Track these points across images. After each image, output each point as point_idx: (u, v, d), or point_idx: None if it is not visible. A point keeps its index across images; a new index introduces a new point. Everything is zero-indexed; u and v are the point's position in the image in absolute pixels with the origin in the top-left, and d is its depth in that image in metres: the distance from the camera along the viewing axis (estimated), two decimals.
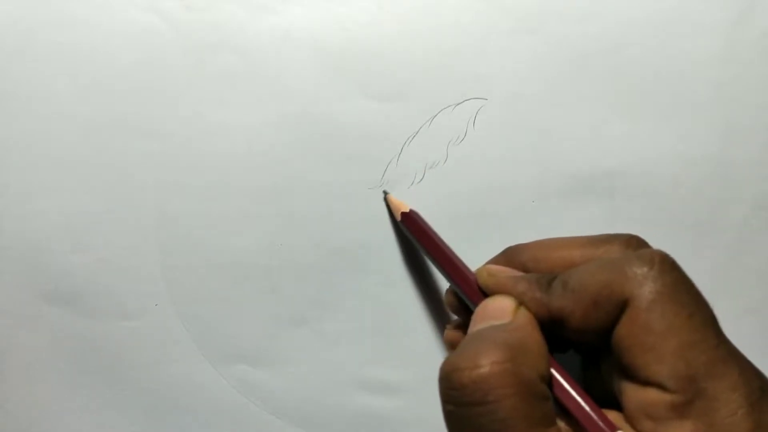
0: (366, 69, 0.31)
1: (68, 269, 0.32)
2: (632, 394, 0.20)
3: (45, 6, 0.31)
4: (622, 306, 0.20)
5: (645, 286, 0.20)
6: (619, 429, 0.20)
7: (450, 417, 0.20)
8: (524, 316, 0.22)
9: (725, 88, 0.30)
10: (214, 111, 0.31)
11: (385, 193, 0.31)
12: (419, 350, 0.32)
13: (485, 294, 0.24)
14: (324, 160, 0.31)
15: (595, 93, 0.31)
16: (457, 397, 0.19)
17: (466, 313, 0.26)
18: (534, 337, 0.21)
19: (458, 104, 0.31)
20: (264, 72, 0.31)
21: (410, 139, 0.31)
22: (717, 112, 0.30)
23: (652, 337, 0.20)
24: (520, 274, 0.24)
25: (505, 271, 0.24)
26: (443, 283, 0.31)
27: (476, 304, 0.24)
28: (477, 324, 0.23)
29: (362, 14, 0.31)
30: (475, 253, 0.31)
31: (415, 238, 0.29)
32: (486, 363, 0.19)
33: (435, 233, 0.28)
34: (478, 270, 0.25)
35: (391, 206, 0.31)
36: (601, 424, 0.20)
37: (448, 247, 0.28)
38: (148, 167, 0.32)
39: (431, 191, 0.31)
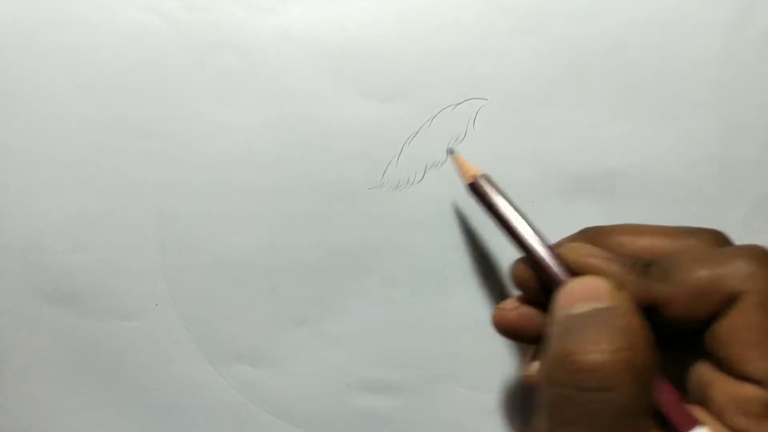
0: (366, 69, 0.31)
1: (68, 269, 0.32)
2: (725, 387, 0.20)
3: (45, 6, 0.31)
4: (728, 300, 0.20)
5: (756, 283, 0.20)
6: (703, 424, 0.20)
7: (560, 401, 0.20)
8: (627, 300, 0.21)
9: (725, 88, 0.30)
10: (214, 111, 0.31)
11: (451, 152, 0.29)
12: (419, 350, 0.32)
13: (571, 272, 0.23)
14: (324, 160, 0.31)
15: (595, 93, 0.31)
16: (572, 382, 0.19)
17: (536, 289, 0.25)
18: (642, 322, 0.21)
19: (458, 104, 0.31)
20: (264, 72, 0.31)
21: (410, 139, 0.31)
22: (717, 112, 0.30)
23: (757, 334, 0.20)
24: (611, 255, 0.23)
25: (595, 251, 0.23)
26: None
27: (556, 282, 0.23)
28: (574, 305, 0.22)
29: (362, 14, 0.31)
30: (474, 252, 0.31)
31: (485, 206, 0.26)
32: (608, 349, 0.19)
33: (511, 200, 0.26)
34: (567, 246, 0.24)
35: (460, 168, 0.28)
36: (688, 416, 0.20)
37: (527, 217, 0.26)
38: (148, 167, 0.32)
39: (431, 191, 0.31)
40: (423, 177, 0.31)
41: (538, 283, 0.25)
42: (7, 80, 0.32)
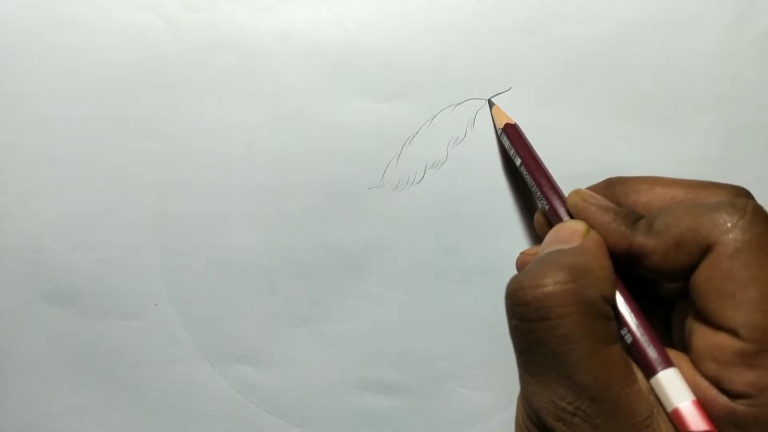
0: (366, 69, 0.31)
1: (68, 269, 0.32)
2: (702, 336, 0.21)
3: (45, 6, 0.31)
4: (705, 250, 0.21)
5: (732, 234, 0.20)
6: (672, 365, 0.21)
7: (515, 331, 0.22)
8: (593, 240, 0.23)
9: (725, 88, 0.30)
10: (214, 111, 0.31)
11: (491, 103, 0.30)
12: (419, 350, 0.32)
13: (571, 216, 0.25)
14: (324, 160, 0.31)
15: (595, 93, 0.31)
16: (522, 313, 0.21)
17: None
18: (600, 261, 0.22)
19: (458, 104, 0.31)
20: (264, 72, 0.31)
21: (410, 139, 0.31)
22: (717, 112, 0.30)
23: (732, 284, 0.20)
24: (611, 205, 0.24)
25: (596, 198, 0.24)
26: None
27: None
28: (547, 246, 0.24)
29: (362, 14, 0.31)
30: (474, 253, 0.31)
31: (514, 151, 0.29)
32: (549, 282, 0.20)
33: (534, 150, 0.28)
34: (572, 192, 0.25)
35: (495, 116, 0.30)
36: (658, 356, 0.21)
37: (545, 166, 0.28)
38: (148, 167, 0.32)
39: (431, 191, 0.31)
40: (423, 177, 0.31)
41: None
42: (7, 80, 0.32)
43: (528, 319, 0.21)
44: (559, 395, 0.20)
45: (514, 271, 0.31)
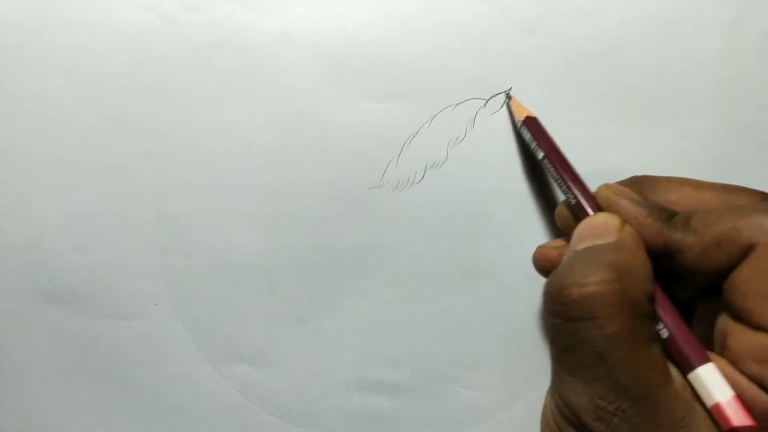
0: (366, 69, 0.31)
1: (68, 269, 0.32)
2: (741, 336, 0.21)
3: (45, 6, 0.31)
4: (745, 250, 0.21)
5: None
6: (711, 361, 0.21)
7: (556, 329, 0.21)
8: (630, 235, 0.22)
9: (725, 88, 0.30)
10: (214, 111, 0.31)
11: (509, 97, 0.30)
12: (419, 350, 0.32)
13: (601, 210, 0.24)
14: (324, 160, 0.31)
15: (595, 93, 0.31)
16: (566, 312, 0.21)
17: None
18: (640, 257, 0.22)
19: (458, 104, 0.31)
20: (264, 72, 0.31)
21: (410, 139, 0.31)
22: (717, 112, 0.30)
23: None
24: (641, 199, 0.24)
25: (628, 193, 0.24)
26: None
27: (583, 218, 0.24)
28: (582, 241, 0.23)
29: (362, 14, 0.31)
30: (474, 253, 0.31)
31: (536, 144, 0.28)
32: (594, 281, 0.20)
33: (555, 142, 0.28)
34: (603, 185, 0.25)
35: (514, 110, 0.30)
36: (693, 349, 0.21)
37: (566, 158, 0.27)
38: (148, 167, 0.32)
39: (431, 191, 0.31)
40: (423, 177, 0.31)
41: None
42: (7, 80, 0.32)
43: (572, 318, 0.20)
44: (600, 394, 0.20)
45: (515, 271, 0.31)
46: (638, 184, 0.26)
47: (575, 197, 0.26)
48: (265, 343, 0.32)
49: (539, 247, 0.28)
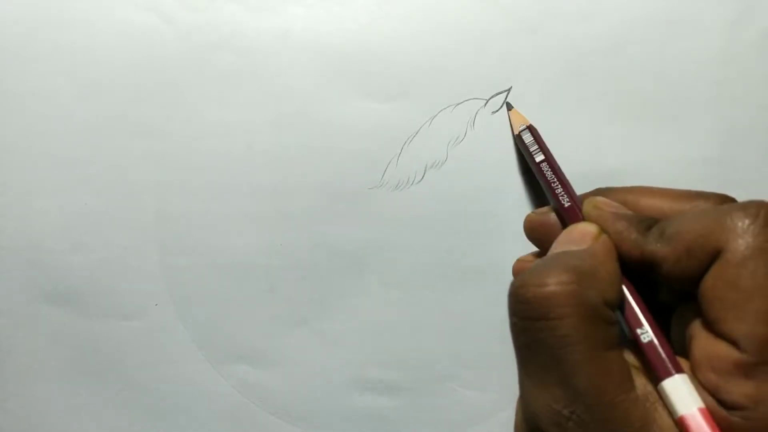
0: (366, 69, 0.31)
1: (68, 269, 0.32)
2: (702, 343, 0.20)
3: (45, 6, 0.31)
4: (714, 255, 0.20)
5: (741, 239, 0.20)
6: (683, 372, 0.20)
7: (514, 328, 0.21)
8: (603, 244, 0.23)
9: (725, 88, 0.30)
10: (214, 111, 0.31)
11: (510, 106, 0.30)
12: (419, 350, 0.32)
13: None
14: (324, 160, 0.31)
15: (595, 93, 0.31)
16: (522, 311, 0.21)
17: (548, 238, 0.26)
18: (607, 265, 0.22)
19: (458, 104, 0.31)
20: (264, 72, 0.31)
21: (410, 139, 0.31)
22: (717, 112, 0.30)
23: (736, 293, 0.19)
24: (625, 212, 0.24)
25: (611, 206, 0.24)
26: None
27: None
28: (556, 247, 0.24)
29: (362, 14, 0.31)
30: (474, 253, 0.31)
31: (536, 148, 0.29)
32: (551, 282, 0.20)
33: (551, 153, 0.28)
34: (587, 200, 0.25)
35: (512, 119, 0.30)
36: (667, 361, 0.21)
37: (560, 170, 0.28)
38: (148, 167, 0.32)
39: (431, 191, 0.31)
40: (423, 177, 0.31)
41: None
42: (7, 80, 0.32)
43: (527, 317, 0.20)
44: (555, 398, 0.20)
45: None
46: (603, 195, 0.25)
47: (563, 210, 0.26)
48: (265, 343, 0.32)
49: (517, 261, 0.28)
